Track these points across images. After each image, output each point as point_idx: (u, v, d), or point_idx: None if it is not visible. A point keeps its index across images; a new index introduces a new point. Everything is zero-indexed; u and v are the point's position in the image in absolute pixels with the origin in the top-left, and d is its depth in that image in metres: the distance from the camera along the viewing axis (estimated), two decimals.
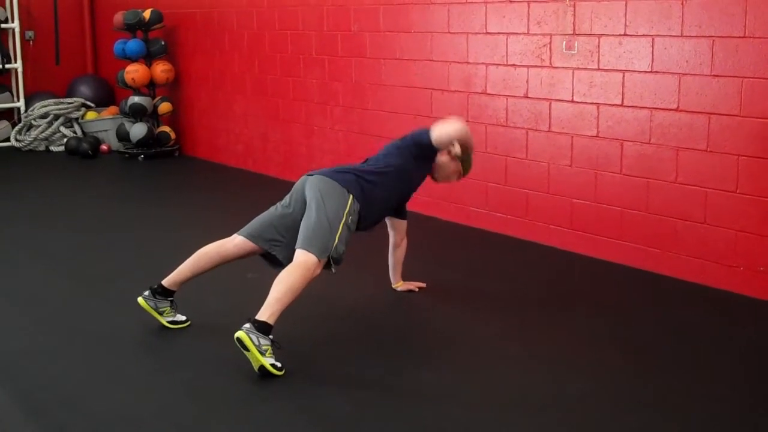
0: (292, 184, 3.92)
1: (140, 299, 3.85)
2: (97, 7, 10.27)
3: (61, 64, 9.97)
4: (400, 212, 4.26)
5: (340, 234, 3.64)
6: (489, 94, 5.49)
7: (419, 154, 4.02)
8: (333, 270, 3.66)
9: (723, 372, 3.48)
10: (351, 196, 3.74)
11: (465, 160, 4.10)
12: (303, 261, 3.54)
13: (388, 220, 4.27)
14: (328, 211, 3.65)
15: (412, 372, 3.49)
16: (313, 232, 3.61)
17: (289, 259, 3.68)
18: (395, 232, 4.31)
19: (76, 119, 9.39)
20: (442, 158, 4.10)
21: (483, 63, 5.50)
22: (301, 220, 3.72)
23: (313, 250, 3.56)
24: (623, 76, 4.73)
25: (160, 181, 7.75)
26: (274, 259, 3.81)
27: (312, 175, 3.86)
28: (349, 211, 3.71)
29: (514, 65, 5.30)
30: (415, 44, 5.96)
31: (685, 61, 4.43)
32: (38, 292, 4.51)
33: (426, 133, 3.96)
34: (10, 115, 9.65)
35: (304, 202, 3.77)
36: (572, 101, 5.01)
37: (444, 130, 3.94)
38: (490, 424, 3.05)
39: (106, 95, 9.92)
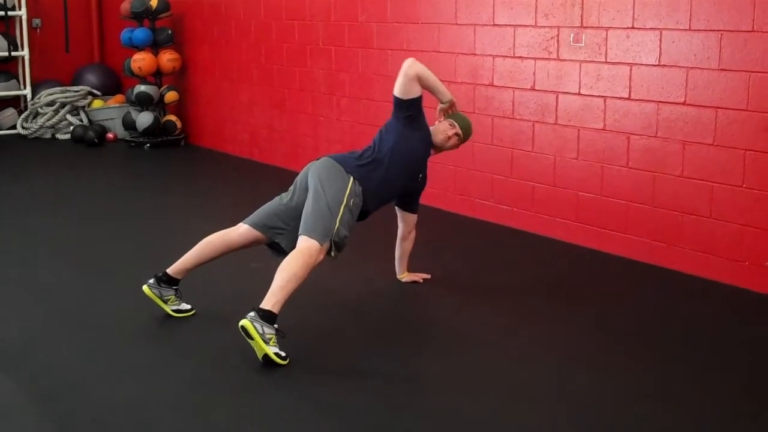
0: (298, 174, 3.92)
1: (145, 287, 3.86)
2: None
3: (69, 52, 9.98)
4: (411, 205, 4.27)
5: (341, 217, 3.64)
6: (496, 86, 5.48)
7: (404, 117, 3.96)
8: (332, 254, 3.63)
9: (727, 366, 3.48)
10: (352, 178, 3.75)
11: (445, 105, 4.12)
12: (305, 247, 3.53)
13: (398, 212, 4.28)
14: (327, 196, 3.66)
15: (417, 362, 3.49)
16: (313, 218, 3.61)
17: (293, 248, 3.69)
18: (404, 224, 4.31)
19: (83, 107, 9.40)
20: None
21: (490, 55, 5.48)
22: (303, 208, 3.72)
23: (315, 235, 3.56)
24: (630, 70, 4.71)
25: (166, 170, 7.76)
26: (279, 249, 3.81)
27: (315, 161, 3.87)
28: (350, 193, 3.71)
29: (521, 57, 5.29)
30: (422, 35, 5.95)
31: (693, 55, 4.41)
32: (43, 280, 4.52)
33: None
34: (16, 102, 9.66)
35: (307, 190, 3.77)
36: (579, 94, 5.00)
37: (399, 80, 3.93)
38: (495, 415, 3.06)
39: (113, 84, 9.92)
